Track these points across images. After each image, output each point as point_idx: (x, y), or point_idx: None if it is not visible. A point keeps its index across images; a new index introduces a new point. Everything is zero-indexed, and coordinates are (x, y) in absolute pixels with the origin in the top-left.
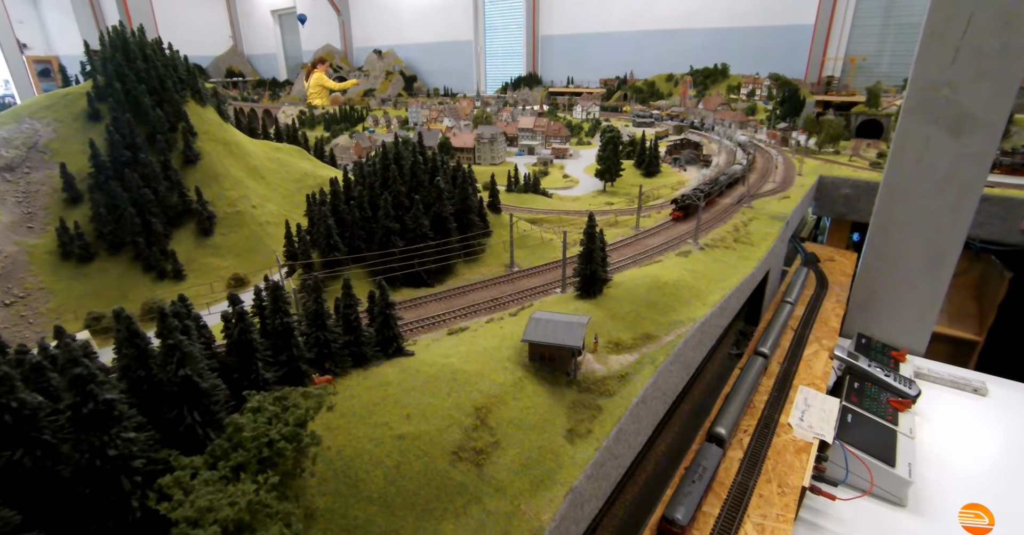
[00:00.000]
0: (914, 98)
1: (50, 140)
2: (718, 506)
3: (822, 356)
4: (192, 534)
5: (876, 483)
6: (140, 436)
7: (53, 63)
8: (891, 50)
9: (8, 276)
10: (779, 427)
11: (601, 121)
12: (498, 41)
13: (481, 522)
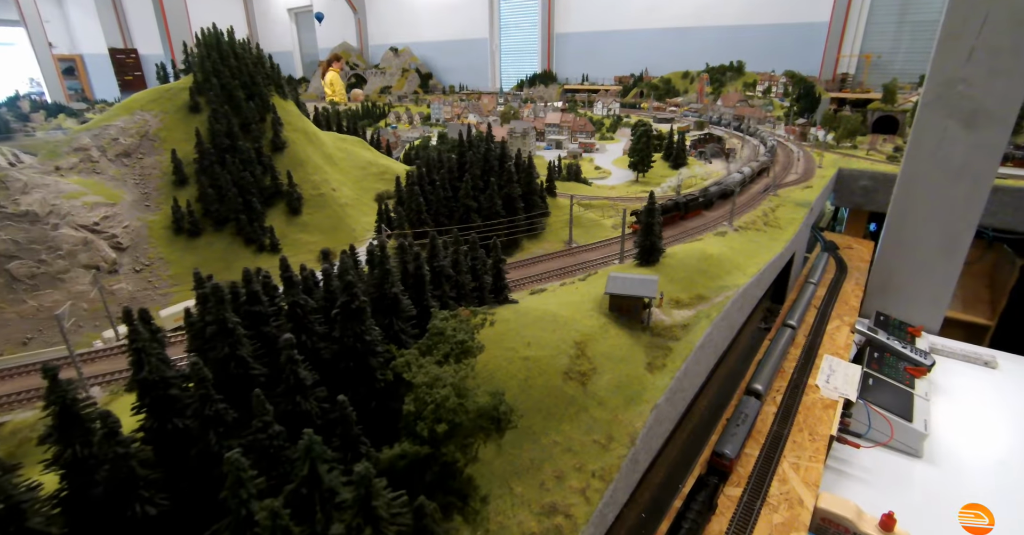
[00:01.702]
0: (931, 93)
1: (158, 129)
2: (757, 449)
3: (844, 330)
4: (431, 393)
5: (895, 435)
6: (378, 330)
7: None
8: (905, 47)
9: (135, 247)
10: (807, 388)
11: (622, 117)
12: (513, 39)
13: (589, 426)
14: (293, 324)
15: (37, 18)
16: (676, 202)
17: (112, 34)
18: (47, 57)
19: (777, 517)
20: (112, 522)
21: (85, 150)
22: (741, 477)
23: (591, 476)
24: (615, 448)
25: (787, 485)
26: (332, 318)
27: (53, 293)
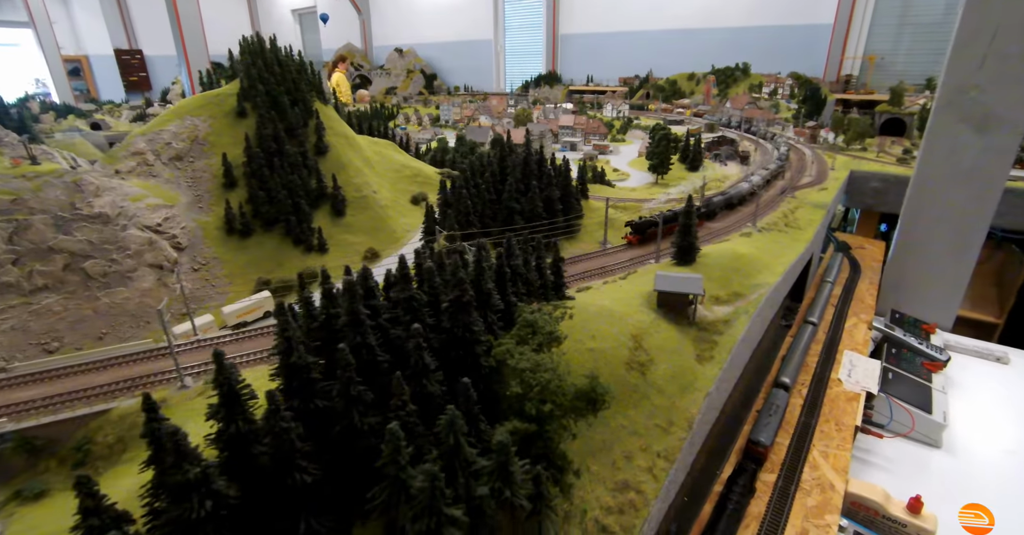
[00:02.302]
0: (944, 98)
1: (207, 134)
2: (788, 438)
3: (861, 327)
4: (535, 377)
5: (916, 426)
6: (481, 321)
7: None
8: (907, 49)
9: (192, 247)
10: (830, 382)
11: (632, 119)
12: (518, 40)
13: (651, 411)
14: (410, 316)
15: (46, 19)
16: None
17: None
18: (56, 58)
19: (811, 500)
20: (273, 488)
21: (141, 154)
22: (775, 464)
23: (656, 456)
24: (675, 431)
25: (818, 471)
26: (441, 310)
27: (123, 291)
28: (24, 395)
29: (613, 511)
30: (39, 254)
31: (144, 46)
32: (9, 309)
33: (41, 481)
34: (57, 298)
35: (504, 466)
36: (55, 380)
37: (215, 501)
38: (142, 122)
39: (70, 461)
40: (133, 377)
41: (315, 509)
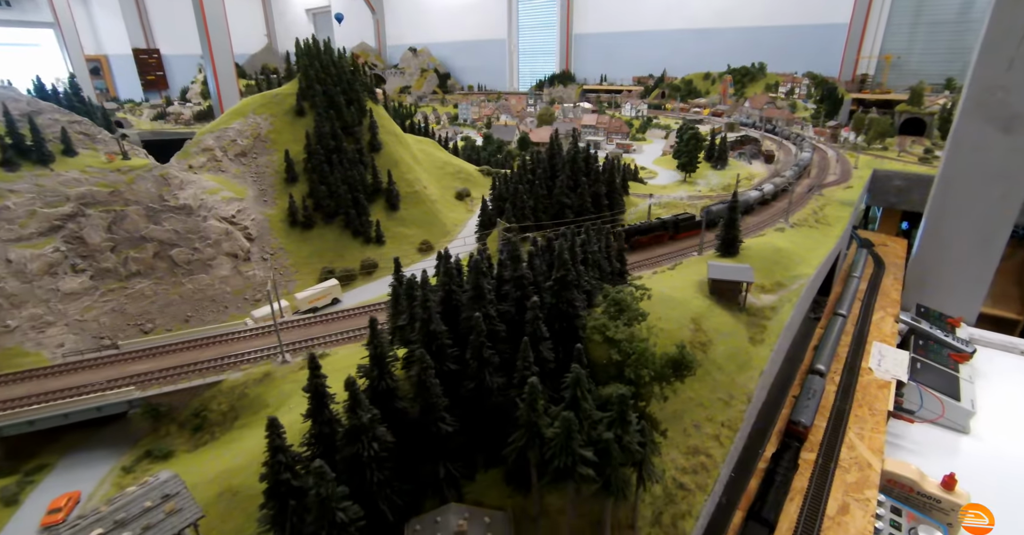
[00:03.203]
0: (971, 99)
1: (268, 131)
2: (823, 421)
3: (888, 320)
4: (631, 346)
5: (946, 413)
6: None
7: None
8: (921, 48)
9: (261, 238)
10: (861, 371)
11: (651, 119)
12: (531, 39)
13: (713, 386)
14: (520, 292)
15: (70, 19)
16: (664, 222)
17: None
18: (79, 57)
19: (850, 477)
20: (418, 438)
21: (210, 150)
22: (813, 444)
23: (720, 426)
24: (736, 404)
25: (855, 451)
26: (544, 288)
27: (205, 277)
28: (141, 368)
29: (687, 471)
30: (133, 242)
31: (161, 45)
32: (109, 292)
33: (166, 443)
34: (148, 283)
35: (623, 415)
36: (165, 356)
37: (379, 444)
38: (162, 120)
39: (189, 426)
40: (236, 353)
41: (451, 456)
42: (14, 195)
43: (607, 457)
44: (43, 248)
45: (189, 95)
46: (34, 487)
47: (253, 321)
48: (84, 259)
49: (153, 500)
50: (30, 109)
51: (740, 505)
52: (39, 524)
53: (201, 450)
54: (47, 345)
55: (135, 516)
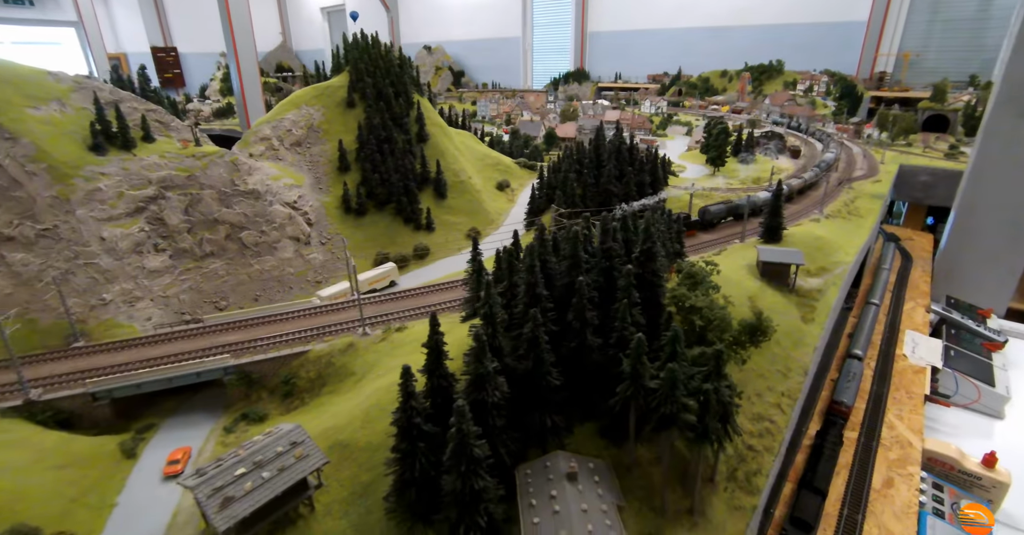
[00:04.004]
0: (1004, 95)
1: (321, 122)
2: (862, 403)
3: (919, 310)
4: (712, 313)
5: (981, 398)
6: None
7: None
8: (939, 45)
9: (319, 223)
10: (896, 357)
11: (671, 115)
12: (546, 37)
13: (772, 359)
14: (609, 262)
15: (94, 19)
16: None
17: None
18: (102, 55)
19: (892, 454)
20: (527, 390)
21: (267, 140)
22: (854, 424)
23: (781, 395)
24: (793, 376)
25: (895, 431)
26: (632, 259)
27: (270, 259)
28: (230, 339)
29: (754, 435)
30: (207, 224)
31: (178, 43)
32: (187, 271)
33: (259, 408)
34: (221, 263)
35: (718, 369)
36: (250, 328)
37: (500, 392)
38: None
39: (279, 392)
40: (316, 327)
41: (554, 409)
42: (105, 178)
43: (705, 406)
44: (130, 228)
45: (208, 92)
46: (146, 443)
47: (320, 300)
48: (164, 239)
49: (283, 446)
50: (112, 98)
51: (789, 477)
52: (162, 472)
53: (293, 414)
54: (137, 318)
55: (270, 459)
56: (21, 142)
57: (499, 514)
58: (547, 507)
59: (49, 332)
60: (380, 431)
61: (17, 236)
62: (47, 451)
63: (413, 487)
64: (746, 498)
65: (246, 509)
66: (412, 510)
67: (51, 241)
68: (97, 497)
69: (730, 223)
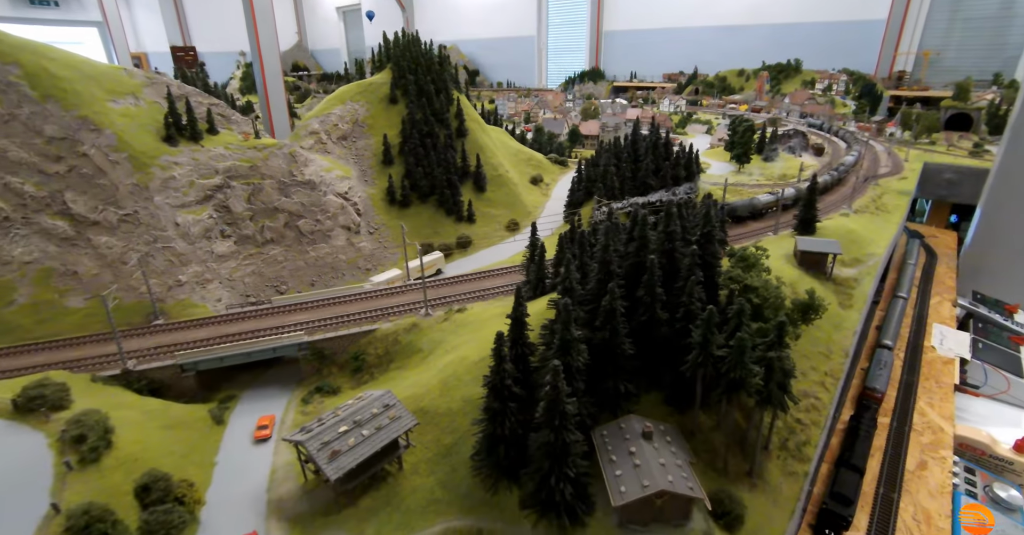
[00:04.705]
0: None
1: (365, 117)
2: (892, 391)
3: (946, 304)
4: (768, 292)
5: (1011, 388)
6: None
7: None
8: (959, 44)
9: (367, 213)
10: (924, 349)
11: (691, 114)
12: (561, 36)
13: (814, 341)
14: (671, 245)
15: (118, 19)
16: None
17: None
18: (125, 55)
19: (924, 439)
20: (605, 358)
21: (316, 134)
22: (885, 410)
23: (824, 374)
24: (835, 357)
25: (926, 417)
26: (691, 241)
27: (324, 247)
28: (299, 318)
29: (801, 410)
30: (267, 212)
31: (197, 43)
32: (249, 257)
33: (332, 381)
34: (280, 250)
35: (781, 338)
36: (316, 309)
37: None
38: None
39: (349, 368)
40: (378, 308)
41: (627, 377)
42: (177, 167)
43: (769, 373)
44: (201, 214)
45: (228, 89)
46: (231, 412)
47: (371, 285)
48: (230, 226)
49: (378, 408)
50: (180, 92)
51: (825, 458)
52: (252, 436)
53: (363, 387)
54: (208, 299)
55: (367, 419)
56: (104, 133)
57: (583, 468)
58: (627, 461)
59: (132, 310)
60: (458, 398)
61: (102, 221)
62: (152, 413)
63: (502, 444)
64: (798, 465)
65: (351, 462)
66: (499, 467)
67: (132, 226)
68: (199, 455)
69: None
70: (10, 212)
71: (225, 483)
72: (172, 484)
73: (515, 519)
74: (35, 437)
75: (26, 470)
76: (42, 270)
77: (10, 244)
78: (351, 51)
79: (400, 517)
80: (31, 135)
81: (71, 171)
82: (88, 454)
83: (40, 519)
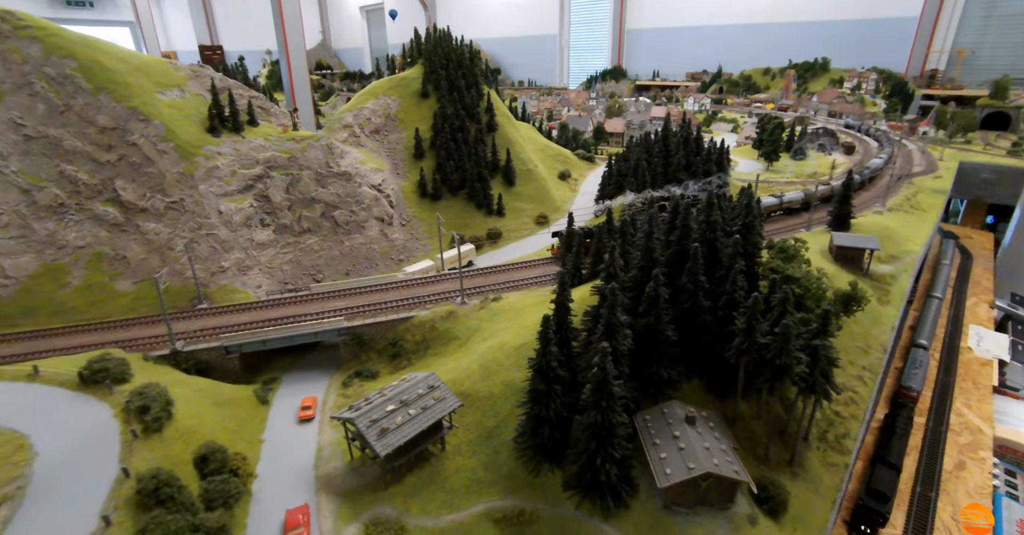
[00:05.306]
0: None
1: (397, 111)
2: (929, 391)
3: (983, 306)
4: (809, 282)
5: None
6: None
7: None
8: (993, 42)
9: (399, 205)
10: (961, 350)
11: (715, 112)
12: (583, 35)
13: (852, 336)
14: (712, 234)
15: (150, 19)
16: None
17: (201, 32)
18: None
19: (962, 439)
20: (650, 344)
21: (349, 127)
22: (921, 410)
23: (862, 368)
24: (872, 353)
25: (964, 417)
26: (732, 232)
27: (359, 237)
28: (337, 304)
29: (840, 403)
30: (304, 203)
31: (224, 42)
32: (287, 246)
33: (370, 366)
34: (316, 239)
35: (826, 327)
36: (354, 296)
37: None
38: None
39: (387, 353)
40: (415, 296)
41: (670, 363)
42: (221, 157)
43: (815, 360)
44: (242, 203)
45: None
46: (274, 393)
47: (404, 275)
48: (269, 215)
49: (423, 389)
50: (222, 85)
51: (860, 456)
52: (296, 416)
53: (401, 372)
54: (249, 285)
55: (414, 400)
56: (153, 123)
57: (628, 450)
58: (671, 445)
59: (178, 294)
60: (499, 383)
61: (149, 208)
62: (202, 391)
63: (546, 425)
64: (837, 457)
65: (399, 439)
66: (542, 449)
67: (177, 213)
68: (247, 432)
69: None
70: (65, 198)
71: (273, 459)
72: (228, 456)
73: (557, 500)
74: (101, 407)
75: (95, 437)
76: (94, 254)
77: (65, 229)
78: (374, 50)
79: (444, 495)
80: (84, 125)
81: (121, 160)
82: (152, 424)
83: (111, 482)
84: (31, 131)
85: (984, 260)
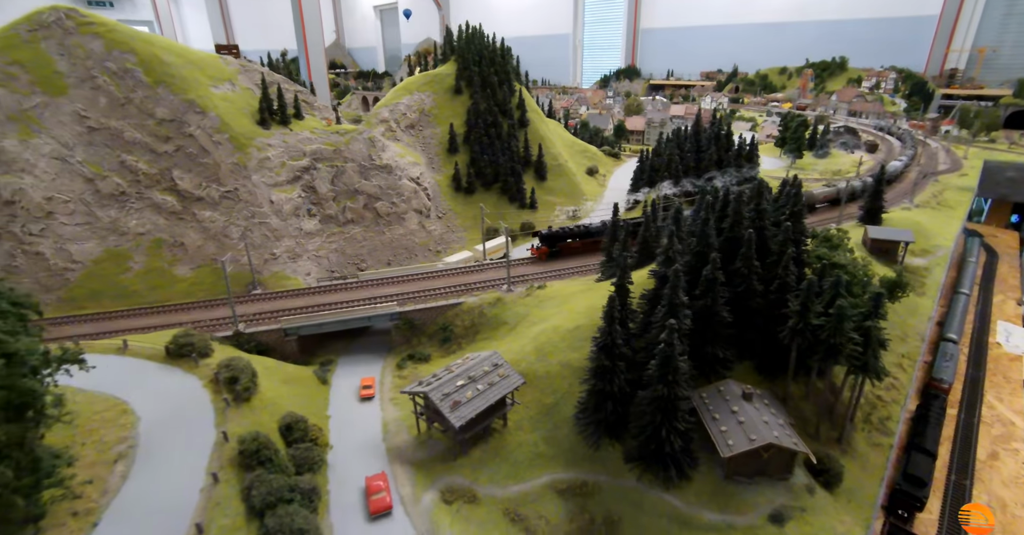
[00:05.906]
0: None
1: (431, 107)
2: (959, 384)
3: (1010, 303)
4: (852, 270)
5: None
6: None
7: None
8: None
9: (435, 198)
10: (989, 345)
11: (733, 111)
12: (597, 34)
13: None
14: (761, 222)
15: (170, 18)
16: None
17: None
18: None
19: (994, 431)
20: (706, 325)
21: (386, 122)
22: (951, 403)
23: (901, 356)
24: (911, 341)
25: (995, 410)
26: (780, 220)
27: (399, 228)
28: (387, 291)
29: (880, 388)
30: (348, 194)
31: (240, 41)
32: (332, 235)
33: (422, 350)
34: (359, 230)
35: (877, 308)
36: (403, 283)
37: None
38: None
39: (437, 338)
40: (461, 284)
41: (724, 343)
42: (271, 148)
43: (867, 340)
44: (291, 193)
45: None
46: (332, 374)
47: (443, 264)
48: (315, 205)
49: (488, 366)
50: (270, 80)
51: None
52: (358, 395)
53: (452, 356)
54: (299, 272)
55: (480, 376)
56: (208, 115)
57: (690, 423)
58: (731, 419)
59: (234, 279)
60: (555, 363)
61: (205, 197)
62: (270, 369)
63: (610, 400)
64: (882, 438)
65: (470, 412)
66: (603, 424)
67: (232, 202)
68: (315, 408)
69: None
70: (126, 187)
71: (342, 433)
72: (308, 426)
73: (618, 473)
74: (190, 378)
75: (189, 405)
76: (154, 241)
77: (126, 216)
78: (387, 49)
79: (509, 468)
80: (144, 117)
81: (178, 150)
82: (242, 393)
83: (211, 444)
84: (94, 123)
85: (1010, 258)
